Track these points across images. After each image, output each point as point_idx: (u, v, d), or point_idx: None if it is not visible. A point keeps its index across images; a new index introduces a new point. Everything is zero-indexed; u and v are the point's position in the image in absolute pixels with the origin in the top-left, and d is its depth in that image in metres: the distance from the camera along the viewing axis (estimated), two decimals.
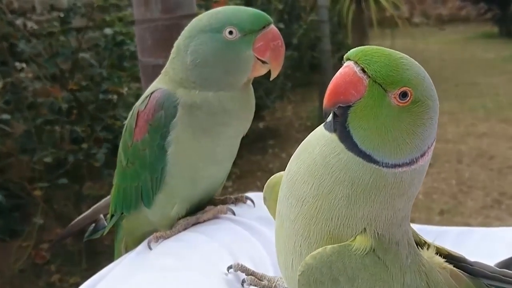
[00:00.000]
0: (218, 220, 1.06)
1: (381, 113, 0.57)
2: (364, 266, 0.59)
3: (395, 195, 0.60)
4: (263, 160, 4.42)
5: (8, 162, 2.98)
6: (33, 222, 2.86)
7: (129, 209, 1.06)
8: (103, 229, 1.18)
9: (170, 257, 0.96)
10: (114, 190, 1.08)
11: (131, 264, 1.01)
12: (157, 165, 0.97)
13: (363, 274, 0.59)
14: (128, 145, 1.00)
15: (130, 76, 3.37)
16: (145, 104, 0.98)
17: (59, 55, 3.05)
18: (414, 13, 12.26)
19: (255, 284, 0.84)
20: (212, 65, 0.94)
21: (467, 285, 0.69)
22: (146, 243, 1.04)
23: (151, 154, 0.97)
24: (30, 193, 2.88)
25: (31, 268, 2.90)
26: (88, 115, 3.10)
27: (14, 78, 2.91)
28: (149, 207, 1.03)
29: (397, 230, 0.62)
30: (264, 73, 0.96)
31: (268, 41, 0.93)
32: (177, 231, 1.04)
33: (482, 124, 5.07)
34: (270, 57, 0.93)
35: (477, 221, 3.19)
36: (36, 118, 2.91)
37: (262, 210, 1.05)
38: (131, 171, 1.01)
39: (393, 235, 0.62)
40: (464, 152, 4.39)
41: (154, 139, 0.96)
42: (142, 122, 0.97)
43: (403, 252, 0.62)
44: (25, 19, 3.14)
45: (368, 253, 0.59)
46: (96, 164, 2.90)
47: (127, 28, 3.37)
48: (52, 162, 2.88)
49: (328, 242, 0.61)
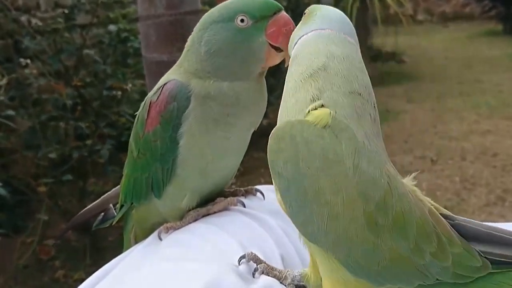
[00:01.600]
0: (228, 212, 1.06)
1: None
2: (320, 135, 0.66)
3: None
4: (266, 157, 4.40)
5: (12, 158, 2.99)
6: (38, 218, 2.87)
7: (139, 200, 1.05)
8: (112, 218, 1.17)
9: (180, 247, 0.96)
10: (124, 180, 1.07)
11: (141, 255, 1.01)
12: (168, 157, 0.97)
13: (318, 141, 0.65)
14: (139, 135, 1.00)
15: (134, 72, 3.38)
16: (157, 95, 0.97)
17: (63, 51, 3.06)
18: (418, 10, 12.23)
19: (267, 272, 0.85)
20: (226, 54, 0.94)
21: (448, 235, 0.68)
22: (156, 234, 1.04)
23: (162, 145, 0.96)
24: (34, 189, 2.89)
25: (35, 263, 2.91)
26: (93, 111, 3.11)
27: (19, 74, 2.92)
28: (159, 198, 1.02)
29: (347, 105, 0.68)
30: (279, 61, 0.96)
31: (280, 26, 0.93)
32: (187, 222, 1.03)
33: (486, 122, 5.06)
34: (283, 42, 0.92)
35: (480, 218, 3.19)
36: (40, 115, 2.92)
37: (273, 203, 1.05)
38: (142, 161, 1.01)
39: (345, 111, 0.68)
40: (467, 149, 4.38)
41: (166, 130, 0.95)
42: (154, 113, 0.96)
43: (359, 134, 0.66)
44: (29, 16, 3.15)
45: (324, 127, 0.66)
46: (100, 160, 2.91)
47: (131, 25, 3.37)
48: (56, 158, 2.90)
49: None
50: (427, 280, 0.67)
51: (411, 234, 0.65)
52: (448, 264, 0.66)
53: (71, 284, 2.62)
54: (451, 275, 0.67)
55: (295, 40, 0.79)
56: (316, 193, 0.65)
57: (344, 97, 0.68)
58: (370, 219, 0.64)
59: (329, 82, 0.70)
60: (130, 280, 0.93)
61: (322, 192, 0.65)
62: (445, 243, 0.67)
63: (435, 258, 0.66)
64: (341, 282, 0.70)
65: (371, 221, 0.64)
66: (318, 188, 0.65)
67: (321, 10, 0.82)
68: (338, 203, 0.64)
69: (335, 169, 0.64)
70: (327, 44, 0.74)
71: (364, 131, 0.67)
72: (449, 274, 0.67)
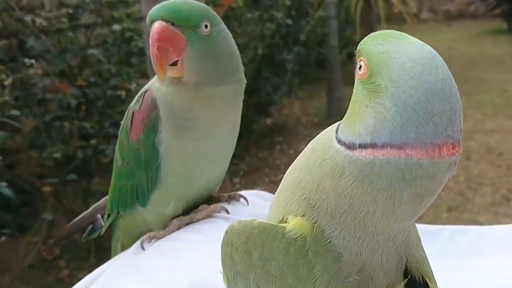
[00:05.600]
0: (212, 219, 1.05)
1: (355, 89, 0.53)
2: (285, 253, 0.53)
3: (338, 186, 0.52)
4: (270, 156, 4.43)
5: (17, 158, 3.00)
6: (42, 217, 2.87)
7: (125, 208, 1.05)
8: (101, 229, 1.17)
9: (163, 257, 0.96)
10: (110, 190, 1.07)
11: (125, 265, 1.00)
12: (152, 164, 0.97)
13: (281, 260, 0.53)
14: (124, 145, 1.00)
15: (138, 72, 3.38)
16: (139, 103, 0.97)
17: (68, 51, 3.07)
18: (422, 9, 12.20)
19: None
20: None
21: None
22: (139, 244, 1.04)
23: (146, 153, 0.96)
24: (39, 188, 2.90)
25: (40, 263, 2.92)
26: (97, 111, 3.12)
27: (23, 74, 2.92)
28: (144, 206, 1.02)
29: (347, 240, 0.53)
30: (174, 75, 0.92)
31: (152, 43, 0.89)
32: (170, 231, 1.03)
33: (490, 121, 5.04)
34: (154, 61, 0.89)
35: (485, 218, 3.18)
36: (45, 114, 2.93)
37: (256, 208, 1.05)
38: (127, 170, 1.00)
39: (339, 242, 0.53)
40: (472, 148, 4.37)
41: (149, 137, 0.95)
42: (138, 122, 0.97)
43: (343, 267, 0.53)
44: (34, 16, 3.16)
45: (297, 241, 0.53)
46: (104, 160, 2.92)
47: (135, 24, 3.38)
48: (61, 158, 2.90)
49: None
50: None
51: None
52: None
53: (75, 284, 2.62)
54: None
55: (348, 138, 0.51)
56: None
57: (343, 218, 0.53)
58: None
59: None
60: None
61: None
62: None
63: None
64: None
65: None
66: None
67: (392, 72, 0.49)
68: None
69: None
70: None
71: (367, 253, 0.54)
72: None
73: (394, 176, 0.48)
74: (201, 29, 0.90)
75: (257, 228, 0.56)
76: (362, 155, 0.49)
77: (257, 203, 1.13)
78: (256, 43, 4.09)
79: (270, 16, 4.41)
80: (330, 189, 0.52)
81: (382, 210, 0.50)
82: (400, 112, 0.47)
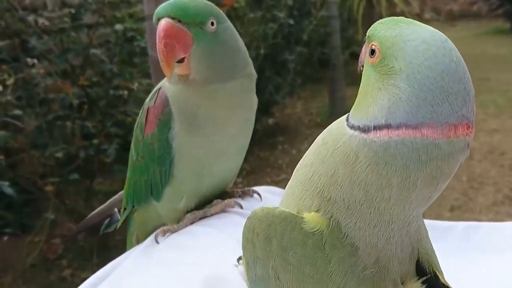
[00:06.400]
0: (225, 214, 1.07)
1: (364, 74, 0.55)
2: (303, 244, 0.54)
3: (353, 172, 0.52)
4: (272, 156, 4.43)
5: (19, 158, 3.00)
6: (45, 217, 2.88)
7: (139, 202, 1.07)
8: (117, 222, 1.19)
9: (177, 250, 0.96)
10: (126, 184, 1.09)
11: (139, 259, 1.01)
12: (165, 159, 0.98)
13: (299, 251, 0.54)
14: (139, 140, 1.02)
15: (140, 72, 3.39)
16: (154, 100, 0.99)
17: (70, 51, 3.07)
18: (425, 9, 12.19)
19: None
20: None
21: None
22: (153, 237, 1.05)
23: (159, 148, 0.98)
24: (41, 188, 2.91)
25: (43, 262, 2.92)
26: (99, 111, 3.12)
27: (26, 74, 2.93)
28: (158, 201, 1.04)
29: (362, 230, 0.54)
30: (182, 72, 0.93)
31: (158, 41, 0.90)
32: (184, 225, 1.04)
33: (493, 120, 5.04)
34: (161, 58, 0.90)
35: (487, 217, 3.18)
36: (47, 114, 2.93)
37: (269, 203, 1.05)
38: (141, 164, 1.02)
39: (355, 233, 0.54)
40: (475, 148, 4.36)
41: (163, 133, 0.97)
42: (152, 117, 0.98)
43: (359, 260, 0.54)
44: (36, 16, 3.16)
45: (315, 235, 0.54)
46: (107, 159, 2.92)
47: (138, 24, 3.38)
48: (63, 157, 2.91)
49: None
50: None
51: None
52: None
53: (78, 283, 2.60)
54: None
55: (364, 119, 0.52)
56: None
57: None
58: None
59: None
60: (127, 285, 0.92)
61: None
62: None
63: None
64: None
65: None
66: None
67: (406, 54, 0.50)
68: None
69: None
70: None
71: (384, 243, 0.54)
72: None
73: (409, 157, 0.49)
74: (207, 26, 0.91)
75: (279, 216, 0.57)
76: (377, 137, 0.50)
77: (270, 198, 1.14)
78: (258, 43, 4.09)
79: (272, 16, 4.41)
80: (345, 178, 0.53)
81: (397, 194, 0.51)
82: (415, 92, 0.48)
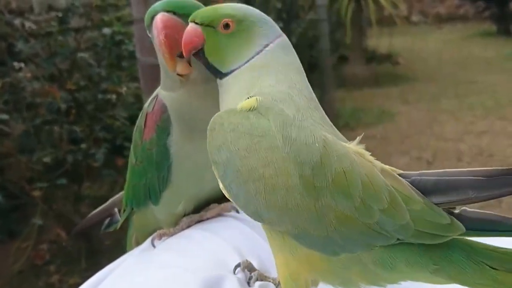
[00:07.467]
0: (222, 218, 1.07)
1: (220, 42, 0.76)
2: (246, 117, 0.68)
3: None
4: None
5: (7, 162, 2.98)
6: (32, 222, 2.86)
7: (138, 205, 1.08)
8: (117, 223, 1.19)
9: (174, 254, 0.97)
10: (125, 186, 1.10)
11: (136, 262, 1.01)
12: (163, 164, 0.98)
13: (244, 122, 0.68)
14: (138, 144, 1.02)
15: (128, 75, 3.37)
16: (152, 105, 0.99)
17: (57, 55, 3.05)
18: (413, 12, 12.28)
19: (261, 280, 0.84)
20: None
21: (407, 192, 0.65)
22: (149, 241, 1.05)
23: (157, 153, 0.98)
24: (29, 193, 2.88)
25: (30, 268, 2.90)
26: (87, 115, 3.10)
27: (13, 78, 2.91)
28: (156, 205, 1.04)
29: (278, 92, 0.70)
30: (186, 69, 0.90)
31: (157, 34, 0.88)
32: (180, 228, 1.05)
33: (481, 122, 5.07)
34: (164, 51, 0.88)
35: None
36: (34, 118, 2.91)
37: None
38: (140, 169, 1.03)
39: (275, 96, 0.70)
40: (463, 150, 4.39)
41: (161, 138, 0.97)
42: (151, 123, 0.98)
43: (288, 111, 0.68)
44: (23, 19, 3.14)
45: (250, 109, 0.68)
46: (95, 164, 2.90)
47: (126, 27, 3.37)
48: (51, 162, 2.89)
49: None
50: (386, 240, 0.65)
51: (356, 193, 0.63)
52: (404, 221, 0.64)
53: None
54: (412, 233, 0.64)
55: (257, 49, 0.76)
56: (249, 170, 0.66)
57: (275, 87, 0.72)
58: (307, 183, 0.63)
59: (264, 79, 0.73)
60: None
61: (254, 168, 0.65)
62: (398, 200, 0.64)
63: (387, 216, 0.63)
64: (295, 258, 0.69)
65: (309, 186, 0.63)
66: (250, 165, 0.66)
67: (248, 13, 0.78)
68: (272, 175, 0.65)
69: (263, 144, 0.66)
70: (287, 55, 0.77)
71: (297, 106, 0.69)
72: (410, 232, 0.64)
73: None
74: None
75: (226, 111, 0.72)
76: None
77: None
78: None
79: None
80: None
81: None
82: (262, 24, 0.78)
